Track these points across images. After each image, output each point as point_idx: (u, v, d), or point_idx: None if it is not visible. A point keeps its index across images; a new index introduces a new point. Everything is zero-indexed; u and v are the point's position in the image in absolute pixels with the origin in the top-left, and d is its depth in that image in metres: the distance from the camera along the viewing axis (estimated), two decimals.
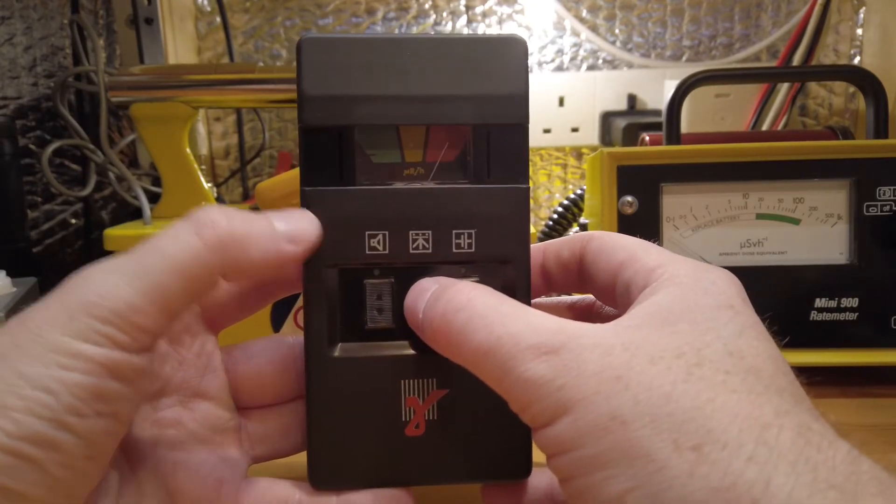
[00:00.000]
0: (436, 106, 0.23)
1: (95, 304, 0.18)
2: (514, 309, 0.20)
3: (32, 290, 0.49)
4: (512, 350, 0.19)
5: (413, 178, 0.24)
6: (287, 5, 0.71)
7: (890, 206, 0.38)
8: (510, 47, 0.23)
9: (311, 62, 0.23)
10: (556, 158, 0.72)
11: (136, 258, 0.19)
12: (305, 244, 0.22)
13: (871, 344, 0.38)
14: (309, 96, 0.23)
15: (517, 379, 0.19)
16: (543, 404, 0.18)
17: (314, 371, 0.23)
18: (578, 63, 0.71)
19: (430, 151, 0.24)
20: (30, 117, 0.67)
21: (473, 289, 0.21)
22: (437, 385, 0.23)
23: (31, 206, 0.68)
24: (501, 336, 0.19)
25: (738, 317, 0.19)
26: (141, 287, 0.19)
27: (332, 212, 0.23)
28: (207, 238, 0.20)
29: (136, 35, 0.63)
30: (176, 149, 0.50)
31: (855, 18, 0.68)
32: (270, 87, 0.50)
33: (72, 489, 0.18)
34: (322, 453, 0.24)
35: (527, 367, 0.18)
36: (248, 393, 0.25)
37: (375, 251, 0.23)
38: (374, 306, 0.24)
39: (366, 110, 0.23)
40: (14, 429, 0.16)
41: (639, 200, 0.38)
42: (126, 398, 0.19)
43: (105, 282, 0.19)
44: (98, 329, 0.18)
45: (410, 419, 0.23)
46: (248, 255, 0.21)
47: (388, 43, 0.23)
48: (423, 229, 0.23)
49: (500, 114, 0.23)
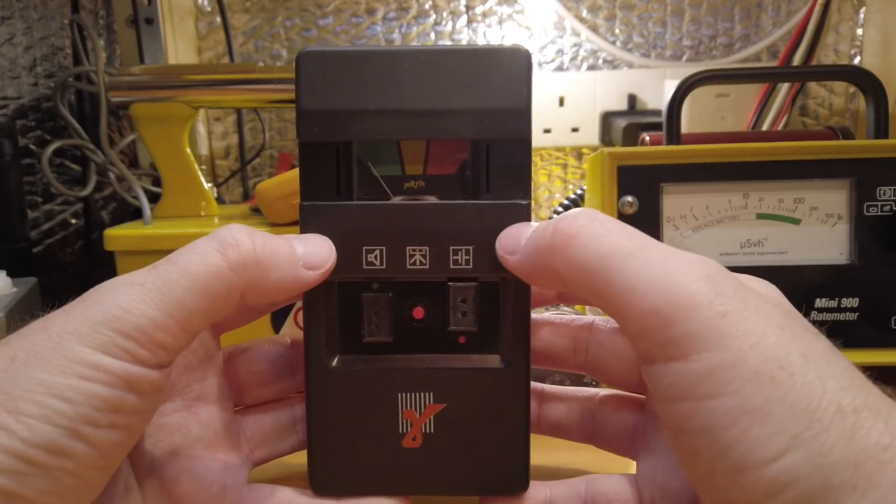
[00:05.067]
0: (435, 120, 0.23)
1: (119, 318, 0.18)
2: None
3: (32, 290, 0.49)
4: (663, 260, 0.17)
5: (414, 191, 0.24)
6: (287, 5, 0.71)
7: (890, 206, 0.37)
8: (512, 59, 0.23)
9: (310, 77, 0.23)
10: (556, 158, 0.72)
11: (160, 273, 0.19)
12: (322, 271, 0.22)
13: (871, 344, 0.38)
14: (307, 111, 0.23)
15: (665, 289, 0.17)
16: (693, 327, 0.16)
17: (314, 381, 0.24)
18: (578, 63, 0.71)
19: (430, 165, 0.24)
20: (30, 117, 0.67)
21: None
22: (434, 399, 0.23)
23: (31, 206, 0.68)
24: (647, 244, 0.18)
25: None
26: (164, 304, 0.19)
27: (331, 226, 0.23)
28: (231, 259, 0.20)
29: (136, 35, 0.63)
30: (176, 149, 0.50)
31: (855, 18, 0.68)
32: (270, 87, 0.50)
33: (78, 496, 0.18)
34: (322, 459, 0.24)
35: (682, 279, 0.17)
36: (248, 392, 0.25)
37: (373, 266, 0.23)
38: (371, 320, 0.24)
39: (364, 125, 0.23)
40: (29, 435, 0.17)
41: (639, 200, 0.38)
42: (141, 411, 0.19)
43: (129, 296, 0.19)
44: (119, 343, 0.18)
45: (407, 431, 0.24)
46: (268, 279, 0.21)
47: (388, 56, 0.23)
48: (420, 245, 0.23)
49: (501, 128, 0.23)
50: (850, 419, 0.15)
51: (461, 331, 0.24)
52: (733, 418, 0.16)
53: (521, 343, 0.23)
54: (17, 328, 0.19)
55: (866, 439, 0.15)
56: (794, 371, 0.16)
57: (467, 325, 0.24)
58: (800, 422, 0.15)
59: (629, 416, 0.25)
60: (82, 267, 0.69)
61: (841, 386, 0.16)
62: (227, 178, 0.72)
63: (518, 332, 0.24)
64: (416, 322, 0.24)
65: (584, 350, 0.25)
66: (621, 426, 0.25)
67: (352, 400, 0.24)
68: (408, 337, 0.24)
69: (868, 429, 0.15)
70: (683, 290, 0.17)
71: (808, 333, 0.17)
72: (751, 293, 0.18)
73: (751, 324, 0.16)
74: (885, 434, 0.15)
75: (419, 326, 0.24)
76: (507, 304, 0.24)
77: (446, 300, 0.24)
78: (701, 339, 0.16)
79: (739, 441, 0.16)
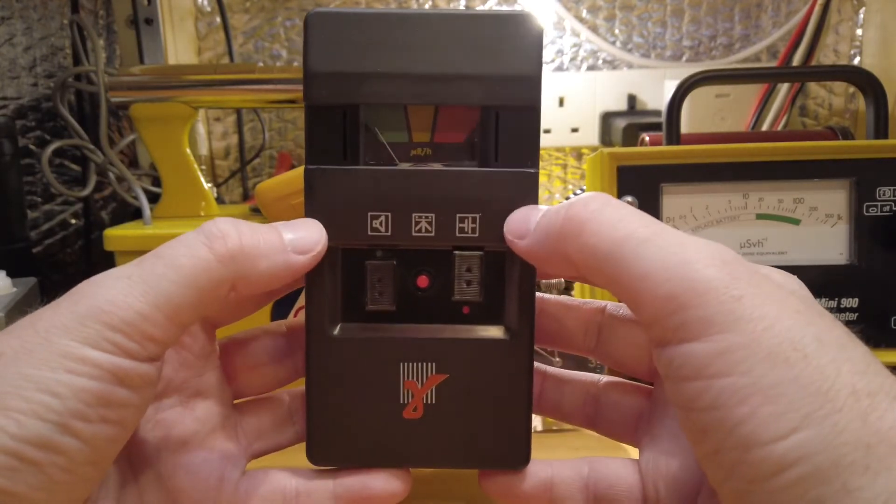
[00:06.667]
0: (444, 85, 0.22)
1: (105, 312, 0.18)
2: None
3: (32, 290, 0.49)
4: (678, 247, 0.17)
5: (420, 158, 0.23)
6: (287, 5, 0.71)
7: (890, 206, 0.38)
8: (523, 25, 0.22)
9: (318, 38, 0.22)
10: (556, 159, 0.72)
11: (147, 267, 0.19)
12: (313, 255, 0.22)
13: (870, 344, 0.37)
14: (315, 73, 0.22)
15: (681, 275, 0.17)
16: (707, 311, 0.16)
17: (314, 350, 0.23)
18: (578, 63, 0.71)
19: (438, 133, 0.23)
20: (30, 117, 0.67)
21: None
22: (437, 370, 0.23)
23: (31, 206, 0.68)
24: (661, 230, 0.18)
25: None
26: (151, 297, 0.19)
27: (336, 191, 0.23)
28: (218, 251, 0.20)
29: (136, 35, 0.63)
30: (176, 149, 0.50)
31: (855, 19, 0.68)
32: (270, 87, 0.50)
33: (71, 492, 0.18)
34: (320, 430, 0.23)
35: (697, 265, 0.17)
36: (246, 382, 0.25)
37: (378, 232, 0.23)
38: (375, 288, 0.24)
39: (372, 88, 0.22)
40: (17, 430, 0.16)
41: (639, 200, 0.38)
42: (132, 405, 0.19)
43: (116, 289, 0.18)
44: (107, 336, 0.18)
45: (408, 402, 0.23)
46: (257, 268, 0.21)
47: (398, 18, 0.22)
48: (426, 212, 0.23)
49: (511, 95, 0.22)
50: (864, 402, 0.15)
51: (465, 301, 0.24)
52: (744, 396, 0.16)
53: (526, 315, 0.23)
54: None
55: (881, 422, 0.15)
56: (809, 353, 0.16)
57: (472, 296, 0.24)
58: (812, 402, 0.15)
59: (634, 401, 0.25)
60: (82, 267, 0.69)
61: (857, 370, 0.16)
62: (227, 179, 0.72)
63: (523, 303, 0.23)
64: (420, 291, 0.24)
65: (594, 333, 0.25)
66: (625, 412, 0.25)
67: (353, 369, 0.23)
68: (411, 306, 0.24)
69: (883, 412, 0.15)
70: (699, 276, 0.17)
71: (824, 319, 0.17)
72: (766, 280, 0.18)
73: (766, 308, 0.16)
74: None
75: (423, 295, 0.24)
76: (512, 274, 0.23)
77: (451, 269, 0.24)
78: (715, 322, 0.16)
79: (749, 418, 0.16)
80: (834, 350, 0.16)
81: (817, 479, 0.15)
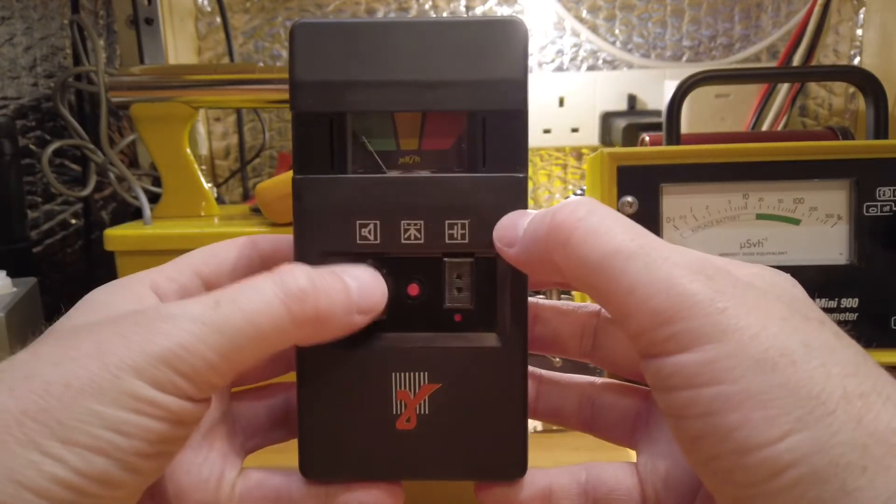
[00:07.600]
0: (430, 91, 0.22)
1: (178, 357, 0.18)
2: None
3: (32, 290, 0.49)
4: (663, 262, 0.18)
5: (408, 165, 0.23)
6: (287, 5, 0.71)
7: (890, 207, 0.37)
8: (509, 30, 0.22)
9: (304, 47, 0.22)
10: (556, 159, 0.72)
11: (223, 314, 0.19)
12: (373, 315, 0.22)
13: (871, 344, 0.38)
14: (301, 82, 0.22)
15: (667, 290, 0.17)
16: (694, 324, 0.17)
17: (305, 360, 0.23)
18: (578, 63, 0.71)
19: (425, 139, 0.23)
20: (30, 117, 0.68)
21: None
22: (429, 379, 0.23)
23: (31, 206, 0.69)
24: (647, 244, 0.18)
25: None
26: (224, 349, 0.19)
27: (324, 200, 0.23)
28: (295, 312, 0.20)
29: (136, 35, 0.63)
30: (176, 149, 0.50)
31: (855, 19, 0.68)
32: (270, 87, 0.50)
33: None
34: (312, 443, 0.23)
35: (682, 280, 0.17)
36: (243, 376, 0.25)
37: (367, 240, 0.23)
38: None
39: (359, 96, 0.22)
40: (84, 467, 0.17)
41: (639, 201, 0.38)
42: (183, 440, 0.20)
43: (190, 333, 0.19)
44: (176, 382, 0.18)
45: (401, 413, 0.23)
46: (323, 332, 0.21)
47: (383, 27, 0.22)
48: (414, 219, 0.23)
49: (497, 99, 0.22)
50: (856, 403, 0.15)
51: (457, 308, 0.24)
52: (736, 403, 0.16)
53: (519, 321, 0.23)
54: (16, 328, 0.19)
55: (875, 422, 0.15)
56: (797, 359, 0.16)
57: (463, 303, 0.23)
58: (804, 405, 0.15)
59: (630, 404, 0.25)
60: (82, 267, 0.69)
61: (846, 372, 0.16)
62: (227, 179, 0.72)
63: (516, 309, 0.23)
64: (410, 299, 0.24)
65: (590, 337, 0.25)
66: (622, 414, 0.25)
67: (344, 380, 0.23)
68: (402, 315, 0.24)
69: (877, 412, 0.15)
70: (685, 290, 0.17)
71: (810, 324, 0.17)
72: (750, 289, 0.18)
73: (751, 317, 0.17)
74: (895, 418, 0.15)
75: (414, 304, 0.24)
76: (504, 280, 0.23)
77: (441, 276, 0.23)
78: (701, 334, 0.17)
79: (742, 424, 0.16)
80: (822, 354, 0.16)
81: (815, 481, 0.15)
